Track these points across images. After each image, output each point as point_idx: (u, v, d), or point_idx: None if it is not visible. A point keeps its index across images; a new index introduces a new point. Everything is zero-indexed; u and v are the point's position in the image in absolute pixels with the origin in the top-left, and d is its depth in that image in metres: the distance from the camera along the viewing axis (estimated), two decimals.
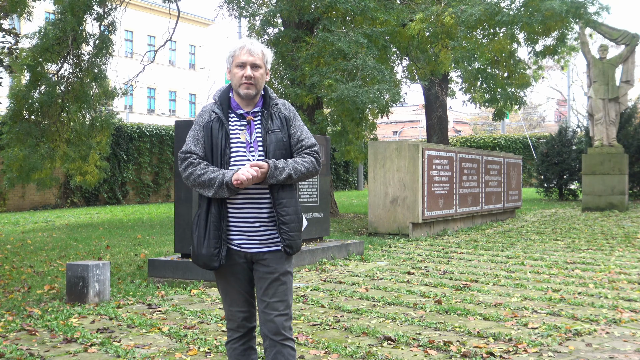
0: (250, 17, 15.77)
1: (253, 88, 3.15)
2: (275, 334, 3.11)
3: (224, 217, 3.11)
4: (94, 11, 11.97)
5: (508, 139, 34.23)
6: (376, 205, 11.86)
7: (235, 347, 3.24)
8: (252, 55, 3.16)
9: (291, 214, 3.13)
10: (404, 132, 56.44)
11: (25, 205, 21.26)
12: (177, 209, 7.55)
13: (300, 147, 3.21)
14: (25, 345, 4.87)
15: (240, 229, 3.13)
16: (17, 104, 11.43)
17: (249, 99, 3.18)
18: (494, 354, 4.47)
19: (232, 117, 3.20)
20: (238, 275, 3.18)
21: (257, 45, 3.20)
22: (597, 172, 17.20)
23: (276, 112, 3.22)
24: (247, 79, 3.13)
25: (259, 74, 3.16)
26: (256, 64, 3.16)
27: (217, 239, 3.09)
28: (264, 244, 3.14)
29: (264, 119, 3.18)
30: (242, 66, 3.15)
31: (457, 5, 12.25)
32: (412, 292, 6.73)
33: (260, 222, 3.12)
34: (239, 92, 3.17)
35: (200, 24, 48.23)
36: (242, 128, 3.17)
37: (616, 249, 10.04)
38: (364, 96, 11.39)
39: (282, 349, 3.11)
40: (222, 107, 3.20)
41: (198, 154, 3.14)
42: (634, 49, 17.52)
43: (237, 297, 3.20)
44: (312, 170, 3.19)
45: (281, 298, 3.13)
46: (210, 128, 3.16)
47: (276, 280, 3.13)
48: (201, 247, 3.11)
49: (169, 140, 25.15)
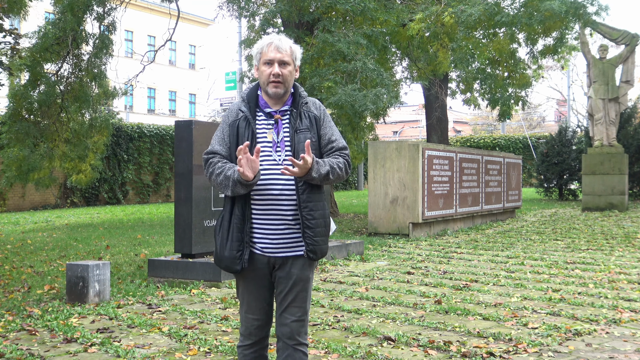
0: (250, 17, 15.76)
1: (281, 86, 3.03)
2: (289, 338, 3.05)
3: (247, 218, 3.01)
4: (93, 11, 11.96)
5: (508, 139, 34.24)
6: (376, 205, 11.86)
7: (246, 354, 3.14)
8: (280, 52, 3.03)
9: (317, 218, 3.01)
10: (404, 132, 56.43)
11: (25, 205, 21.26)
12: (177, 209, 7.55)
13: (330, 148, 3.10)
14: (25, 345, 4.87)
15: (264, 231, 3.02)
16: (16, 103, 11.42)
17: (277, 97, 3.06)
18: (494, 354, 4.47)
19: (260, 116, 3.08)
20: (258, 282, 3.08)
21: (285, 41, 3.07)
22: (597, 172, 17.21)
23: (305, 111, 3.10)
24: (275, 76, 3.01)
25: (287, 71, 3.04)
26: (284, 61, 3.04)
27: (240, 241, 2.99)
28: (288, 248, 3.04)
29: (292, 118, 3.06)
30: (270, 63, 3.03)
31: (457, 6, 12.25)
32: (412, 292, 6.73)
33: (285, 224, 3.01)
34: (267, 91, 3.06)
35: (200, 24, 48.23)
36: (270, 127, 3.05)
37: (616, 249, 10.04)
38: (362, 101, 11.38)
39: (294, 352, 3.05)
40: (250, 106, 3.08)
41: (221, 153, 3.05)
42: (634, 49, 17.53)
43: (254, 305, 3.10)
44: (344, 173, 3.07)
45: (300, 304, 3.05)
46: (237, 127, 3.05)
47: (296, 286, 3.05)
48: (224, 250, 3.01)
49: (169, 140, 25.15)
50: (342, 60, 12.64)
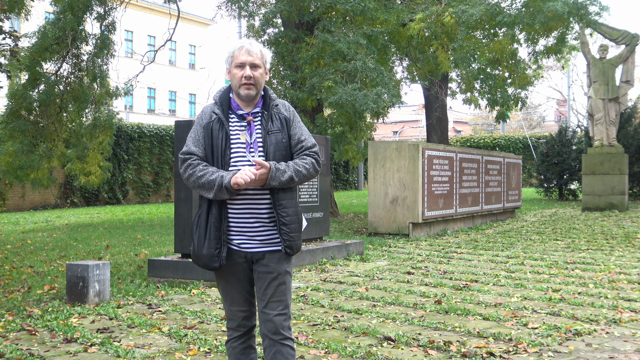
0: (249, 17, 15.76)
1: (253, 88, 3.15)
2: (275, 334, 3.12)
3: (224, 217, 3.12)
4: (93, 11, 11.96)
5: (508, 139, 34.25)
6: (376, 205, 11.86)
7: (235, 346, 3.26)
8: (251, 55, 3.16)
9: (291, 215, 3.14)
10: (404, 132, 56.43)
11: (25, 205, 21.26)
12: (177, 209, 7.55)
13: (300, 148, 3.21)
14: (25, 345, 4.87)
15: (240, 229, 3.13)
16: (15, 102, 11.40)
17: (249, 99, 3.18)
18: (494, 354, 4.47)
19: (233, 118, 3.20)
20: (238, 275, 3.19)
21: (255, 45, 3.20)
22: (597, 172, 17.20)
23: (276, 113, 3.22)
24: (246, 79, 3.13)
25: (258, 73, 3.16)
26: (255, 64, 3.16)
27: (218, 239, 3.10)
28: (264, 244, 3.15)
29: (264, 119, 3.18)
30: (242, 66, 3.15)
31: (458, 6, 12.24)
32: (412, 292, 6.73)
33: (260, 222, 3.13)
34: (239, 93, 3.17)
35: (200, 24, 48.23)
36: (243, 129, 3.17)
37: (616, 249, 10.04)
38: (363, 100, 11.38)
39: (281, 348, 3.13)
40: (222, 108, 3.20)
41: (198, 154, 3.16)
42: (634, 49, 17.52)
43: (237, 297, 3.21)
44: (312, 172, 3.20)
45: (280, 298, 3.14)
46: (211, 129, 3.16)
47: (275, 280, 3.14)
48: (202, 248, 3.12)
49: (169, 140, 25.15)
50: (342, 60, 12.64)
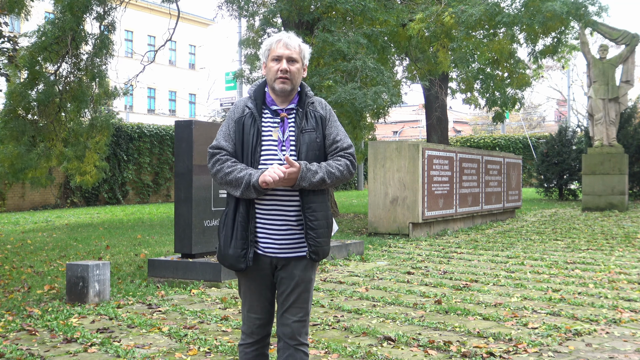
0: (249, 17, 15.76)
1: (289, 83, 3.02)
2: (290, 339, 3.05)
3: (252, 217, 3.00)
4: (93, 11, 11.95)
5: (508, 139, 34.25)
6: (376, 205, 11.86)
7: (247, 352, 3.14)
8: (289, 48, 3.03)
9: (320, 219, 3.00)
10: (404, 132, 56.43)
11: (25, 205, 21.25)
12: (177, 209, 7.55)
13: (335, 148, 3.07)
14: (25, 345, 4.86)
15: (267, 231, 3.01)
16: (13, 101, 11.39)
17: (284, 94, 3.05)
18: (494, 354, 4.47)
19: (266, 114, 3.07)
20: (260, 282, 3.08)
21: (294, 38, 3.07)
22: (597, 172, 17.20)
23: (311, 111, 3.09)
24: (282, 72, 3.00)
25: (295, 68, 3.03)
26: (293, 58, 3.03)
27: (245, 239, 2.99)
28: (290, 249, 3.03)
29: (298, 117, 3.05)
30: (278, 60, 3.02)
31: (457, 6, 12.24)
32: (412, 292, 6.73)
33: (288, 225, 3.01)
34: (274, 87, 3.04)
35: (200, 24, 48.22)
36: (275, 125, 3.04)
37: (616, 249, 10.04)
38: (362, 99, 11.38)
39: (294, 352, 3.05)
40: (256, 103, 3.07)
41: (227, 149, 3.03)
42: (634, 49, 17.52)
43: (255, 304, 3.10)
44: (346, 174, 3.04)
45: (302, 305, 3.05)
46: (243, 124, 3.03)
47: (298, 287, 3.05)
48: (228, 247, 3.01)
49: (169, 140, 25.15)
50: (342, 60, 12.64)
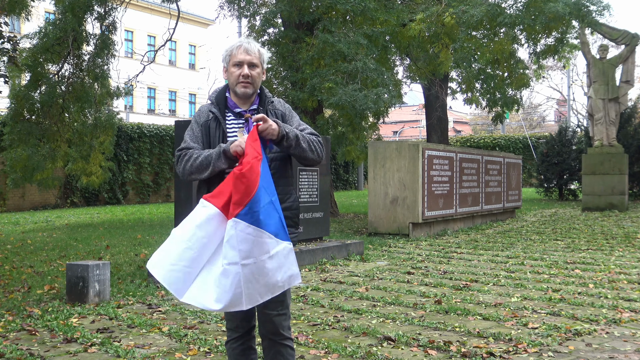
0: (250, 17, 15.76)
1: (250, 87, 3.16)
2: (274, 334, 3.11)
3: None
4: (94, 11, 11.97)
5: (508, 139, 34.24)
6: (376, 205, 11.86)
7: (235, 347, 3.24)
8: (249, 54, 3.16)
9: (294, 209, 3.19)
10: (404, 132, 56.43)
11: (26, 205, 21.26)
12: (177, 209, 7.56)
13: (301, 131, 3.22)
14: (25, 345, 4.87)
15: None
16: (17, 104, 11.42)
17: (246, 97, 3.19)
18: (494, 354, 4.48)
19: (229, 116, 3.21)
20: None
21: (253, 44, 3.21)
22: (597, 172, 17.20)
23: (272, 110, 3.23)
24: (244, 77, 3.14)
25: (255, 72, 3.17)
26: (253, 63, 3.16)
27: None
28: None
29: None
30: (239, 65, 3.15)
31: (458, 6, 12.23)
32: (412, 292, 6.73)
33: None
34: (236, 91, 3.18)
35: (200, 24, 48.23)
36: (240, 126, 3.17)
37: (616, 249, 10.04)
38: (363, 101, 11.37)
39: (281, 348, 3.12)
40: (219, 107, 3.21)
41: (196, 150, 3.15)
42: (634, 49, 17.53)
43: None
44: (315, 146, 3.15)
45: (280, 298, 3.10)
46: (208, 127, 3.18)
47: None
48: None
49: (169, 140, 25.14)
50: (342, 61, 12.63)
